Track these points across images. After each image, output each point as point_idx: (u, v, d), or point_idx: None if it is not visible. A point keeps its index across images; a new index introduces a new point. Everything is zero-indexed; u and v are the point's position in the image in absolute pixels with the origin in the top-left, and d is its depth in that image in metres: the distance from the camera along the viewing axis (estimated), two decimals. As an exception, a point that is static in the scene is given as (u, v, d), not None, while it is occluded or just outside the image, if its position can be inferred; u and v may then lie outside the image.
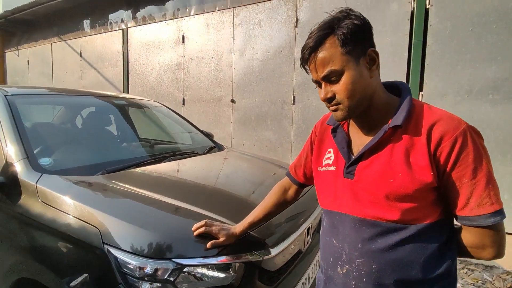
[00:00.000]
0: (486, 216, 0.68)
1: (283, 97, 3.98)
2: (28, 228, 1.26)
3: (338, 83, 0.74)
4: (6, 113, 1.64)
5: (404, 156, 0.72)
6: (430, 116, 0.73)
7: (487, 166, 0.69)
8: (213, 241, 1.06)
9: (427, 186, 0.70)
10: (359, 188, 0.77)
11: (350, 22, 0.72)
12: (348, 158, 0.82)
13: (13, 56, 8.06)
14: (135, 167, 1.69)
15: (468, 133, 0.69)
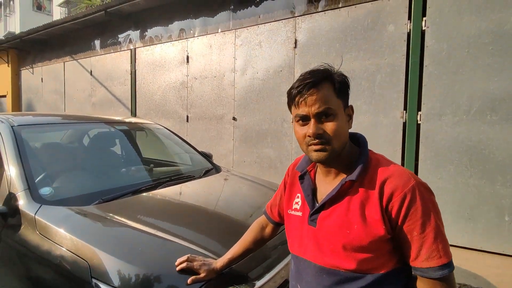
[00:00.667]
0: (435, 269, 0.71)
1: (283, 115, 4.04)
2: (26, 259, 1.34)
3: (328, 123, 0.78)
4: (11, 144, 1.75)
5: (360, 208, 0.77)
6: (383, 171, 0.78)
7: (436, 220, 0.73)
8: (193, 276, 1.10)
9: (380, 238, 0.74)
10: (320, 237, 0.82)
11: (341, 76, 0.82)
12: (312, 206, 0.86)
13: (28, 73, 8.42)
14: (131, 195, 1.76)
15: (416, 190, 0.74)
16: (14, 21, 19.88)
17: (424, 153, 3.18)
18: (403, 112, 3.28)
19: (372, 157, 0.82)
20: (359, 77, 3.53)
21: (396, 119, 3.34)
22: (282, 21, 4.04)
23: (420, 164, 3.22)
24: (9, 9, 20.42)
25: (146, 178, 2.17)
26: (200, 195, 2.00)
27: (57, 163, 1.97)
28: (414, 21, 3.14)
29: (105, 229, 1.38)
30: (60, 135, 2.35)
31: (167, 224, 1.50)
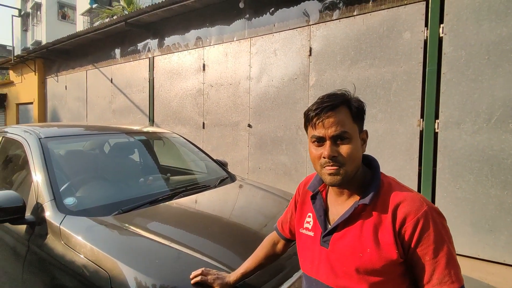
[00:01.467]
0: None
1: (297, 123, 4.05)
2: (51, 267, 1.42)
3: (343, 146, 0.80)
4: (38, 155, 1.86)
5: (373, 232, 0.78)
6: (396, 196, 0.79)
7: (448, 245, 0.74)
8: (200, 278, 1.14)
9: (393, 262, 0.75)
10: (333, 259, 0.82)
11: (358, 101, 0.84)
12: (324, 227, 0.87)
13: (53, 81, 8.84)
14: (149, 205, 1.83)
15: (429, 215, 0.75)
16: (40, 30, 20.89)
17: (442, 162, 3.11)
18: (420, 120, 3.22)
19: (384, 181, 0.83)
20: (374, 85, 3.50)
21: (412, 127, 3.28)
22: (297, 29, 4.06)
23: (438, 173, 3.14)
24: (36, 19, 21.49)
25: (163, 188, 2.24)
26: (215, 205, 2.05)
27: (80, 174, 2.07)
28: (431, 28, 3.09)
29: (124, 240, 1.45)
30: (82, 146, 2.46)
31: (183, 235, 1.55)
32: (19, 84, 10.31)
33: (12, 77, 10.83)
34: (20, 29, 21.61)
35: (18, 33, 21.29)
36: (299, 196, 1.04)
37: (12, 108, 10.91)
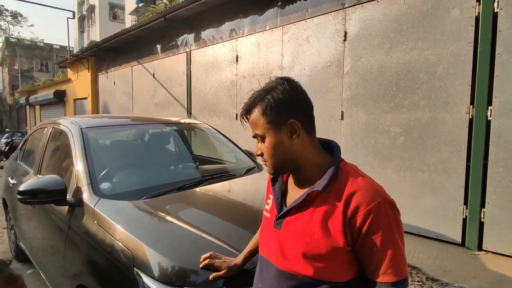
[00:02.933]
0: (388, 285, 0.73)
1: (330, 112, 3.91)
2: (86, 244, 1.57)
3: (262, 144, 0.85)
4: (79, 144, 2.04)
5: (322, 219, 0.78)
6: (351, 184, 0.78)
7: (397, 238, 0.75)
8: (215, 273, 1.17)
9: (339, 250, 0.75)
10: (284, 241, 0.84)
11: (275, 95, 0.80)
12: (279, 210, 0.88)
13: (103, 78, 9.59)
14: (176, 191, 1.91)
15: (382, 207, 0.74)
16: (95, 31, 22.68)
17: (495, 153, 2.78)
18: (470, 107, 2.90)
19: (343, 168, 0.82)
20: (417, 69, 3.22)
21: (460, 115, 2.98)
22: (331, 13, 3.88)
23: (490, 165, 2.82)
24: (91, 21, 23.34)
25: (191, 176, 2.32)
26: (239, 193, 2.07)
27: (115, 161, 2.23)
28: (484, 3, 2.74)
29: (149, 223, 1.53)
30: (120, 135, 2.65)
31: (204, 221, 1.60)
32: (75, 81, 11.37)
33: (70, 75, 11.98)
34: (78, 31, 23.67)
35: (76, 35, 23.36)
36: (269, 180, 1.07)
37: (70, 103, 12.10)
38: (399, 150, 3.38)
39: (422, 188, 3.26)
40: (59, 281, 1.90)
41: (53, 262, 1.99)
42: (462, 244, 3.05)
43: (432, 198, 3.20)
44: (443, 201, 3.13)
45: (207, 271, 1.21)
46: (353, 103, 3.72)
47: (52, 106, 14.10)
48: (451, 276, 2.60)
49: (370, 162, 3.60)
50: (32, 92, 17.31)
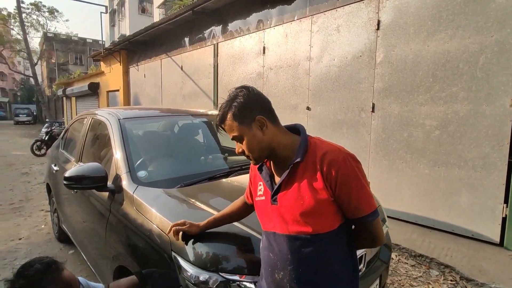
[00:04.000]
0: (368, 216, 0.97)
1: (361, 105, 3.80)
2: (125, 229, 1.66)
3: (241, 144, 1.03)
4: (118, 134, 2.14)
5: (307, 182, 0.97)
6: (320, 150, 0.98)
7: (363, 182, 0.96)
8: (175, 226, 1.30)
9: (326, 202, 0.95)
10: (283, 211, 1.01)
11: (239, 101, 0.98)
12: (271, 189, 1.05)
13: (134, 71, 9.93)
14: (207, 181, 1.97)
15: (346, 160, 0.94)
16: (125, 25, 23.39)
17: (542, 149, 2.58)
18: (515, 99, 2.71)
19: (311, 141, 1.02)
20: (456, 59, 3.04)
21: (504, 107, 2.79)
22: (364, 1, 3.74)
23: (536, 163, 2.63)
24: (121, 15, 24.07)
25: (221, 166, 2.37)
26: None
27: (150, 150, 2.33)
28: (537, -15, 2.51)
29: (184, 210, 1.60)
30: (154, 126, 2.75)
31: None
32: (108, 73, 11.87)
33: (103, 68, 12.51)
34: (109, 25, 24.54)
35: (107, 29, 24.23)
36: (251, 172, 1.23)
37: (104, 95, 12.67)
38: (434, 144, 3.24)
39: (457, 184, 3.11)
40: (100, 261, 2.03)
41: (94, 243, 2.13)
42: (500, 244, 2.90)
43: (469, 195, 3.04)
44: (480, 199, 2.97)
45: (239, 258, 1.26)
46: (385, 95, 3.59)
47: (87, 97, 14.85)
48: (488, 277, 2.48)
49: (402, 156, 3.48)
50: (68, 84, 18.30)
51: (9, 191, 5.58)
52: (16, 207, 4.66)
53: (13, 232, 3.71)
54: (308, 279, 0.99)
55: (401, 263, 2.81)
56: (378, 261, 1.76)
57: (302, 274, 0.98)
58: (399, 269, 2.72)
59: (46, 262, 1.06)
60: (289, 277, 1.00)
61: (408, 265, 2.80)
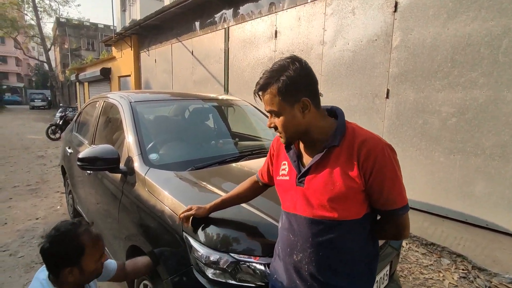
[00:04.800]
0: (398, 210, 0.94)
1: (375, 90, 3.70)
2: (138, 209, 1.69)
3: (276, 119, 0.97)
4: (130, 117, 2.15)
5: (340, 168, 0.93)
6: (358, 136, 0.93)
7: (398, 174, 0.93)
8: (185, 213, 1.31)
9: (357, 190, 0.92)
10: (309, 194, 0.98)
11: (288, 75, 0.90)
12: (299, 170, 1.02)
13: (145, 56, 9.92)
14: (218, 164, 1.97)
15: (385, 150, 0.91)
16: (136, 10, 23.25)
17: None
18: (539, 85, 2.58)
19: (348, 126, 0.97)
20: (477, 42, 2.90)
21: (527, 94, 2.66)
22: (381, -18, 3.57)
23: (559, 152, 2.52)
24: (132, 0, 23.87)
25: (231, 151, 2.37)
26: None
27: (161, 134, 2.33)
28: None
29: (195, 192, 1.61)
30: (164, 110, 2.75)
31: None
32: (119, 59, 11.91)
33: (114, 53, 12.55)
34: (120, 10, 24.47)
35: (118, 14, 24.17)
36: (273, 150, 1.18)
37: (115, 80, 12.77)
38: (450, 132, 3.14)
39: (474, 173, 3.03)
40: (113, 241, 2.08)
41: (107, 224, 2.18)
42: (516, 235, 2.83)
43: (485, 185, 2.96)
44: (497, 188, 2.89)
45: (250, 239, 1.27)
46: (400, 80, 3.48)
47: (99, 83, 15.00)
48: (502, 267, 2.44)
49: (416, 144, 3.40)
50: (81, 69, 18.50)
51: (26, 173, 5.76)
52: (33, 189, 4.82)
53: (31, 212, 3.85)
54: (326, 264, 0.98)
55: (411, 251, 2.79)
56: (389, 247, 1.75)
57: (322, 258, 0.97)
58: (409, 257, 2.70)
59: (77, 220, 1.15)
60: (308, 259, 0.99)
61: (419, 253, 2.78)
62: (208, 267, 1.25)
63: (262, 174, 1.29)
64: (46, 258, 1.06)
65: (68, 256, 1.05)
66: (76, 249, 1.06)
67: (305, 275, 1.00)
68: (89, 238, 1.09)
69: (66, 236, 1.06)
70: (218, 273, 1.23)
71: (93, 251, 1.10)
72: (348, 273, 0.99)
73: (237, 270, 1.22)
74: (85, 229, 1.11)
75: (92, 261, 1.10)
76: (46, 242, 1.06)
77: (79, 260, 1.06)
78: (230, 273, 1.22)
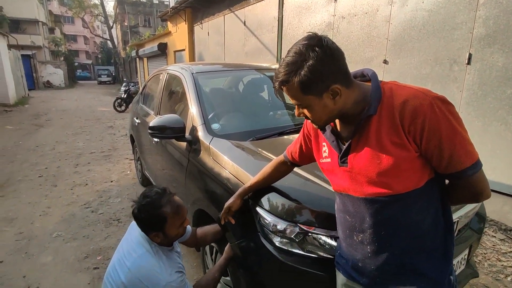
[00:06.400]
0: (468, 169, 0.79)
1: (453, 56, 3.24)
2: (204, 176, 1.76)
3: (304, 110, 0.86)
4: (193, 87, 2.20)
5: (384, 138, 0.81)
6: (399, 97, 0.79)
7: (458, 128, 0.77)
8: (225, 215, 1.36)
9: (408, 158, 0.79)
10: (354, 173, 0.88)
11: (309, 67, 0.76)
12: (339, 150, 0.92)
13: (198, 29, 10.04)
14: (278, 136, 1.94)
15: (434, 105, 0.76)
16: (187, -17, 23.37)
17: None
18: None
19: (385, 88, 0.83)
20: None
21: None
22: None
23: None
24: (184, -27, 24.01)
25: (290, 122, 2.31)
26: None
27: (221, 105, 2.36)
28: None
29: (258, 161, 1.60)
30: (223, 80, 2.76)
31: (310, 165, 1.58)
32: (174, 33, 12.27)
33: (170, 28, 12.94)
34: (173, -16, 24.85)
35: (172, -12, 24.59)
36: (307, 131, 1.10)
37: (171, 55, 13.28)
38: (550, 103, 2.64)
39: None
40: (180, 205, 2.23)
41: (174, 189, 2.33)
42: None
43: None
44: None
45: (317, 211, 1.23)
46: (486, 43, 2.98)
47: (156, 58, 15.78)
48: None
49: (501, 117, 2.95)
50: (140, 45, 19.58)
51: (99, 141, 6.44)
52: (106, 155, 5.39)
53: (106, 175, 4.33)
54: (391, 242, 0.88)
55: (487, 236, 2.52)
56: (469, 230, 1.58)
57: (385, 236, 0.89)
58: (485, 242, 2.45)
59: (162, 187, 1.26)
60: (369, 239, 0.91)
61: (497, 238, 2.50)
62: (275, 235, 1.25)
63: (292, 153, 1.22)
64: (137, 221, 1.18)
65: (152, 224, 1.15)
66: (159, 219, 1.15)
67: (369, 256, 0.93)
68: (171, 208, 1.18)
69: (151, 206, 1.15)
70: (285, 241, 1.24)
71: (175, 220, 1.19)
72: (417, 249, 0.88)
73: (305, 241, 1.21)
74: (167, 200, 1.19)
75: (174, 228, 1.20)
76: (135, 207, 1.18)
77: (163, 227, 1.16)
78: (297, 243, 1.21)
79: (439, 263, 0.90)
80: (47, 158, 5.17)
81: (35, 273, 2.25)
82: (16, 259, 2.41)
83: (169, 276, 1.12)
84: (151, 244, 1.20)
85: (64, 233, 2.80)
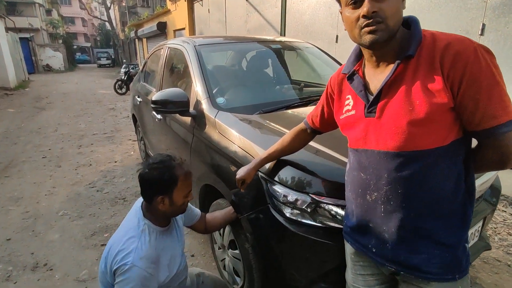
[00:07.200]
0: (499, 126, 0.73)
1: (465, 26, 3.10)
2: (210, 150, 1.71)
3: (384, 2, 0.74)
4: (196, 60, 2.12)
5: (420, 83, 0.76)
6: (441, 41, 0.74)
7: (499, 81, 0.72)
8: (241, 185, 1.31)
9: (444, 107, 0.74)
10: (382, 123, 0.82)
11: None
12: (367, 100, 0.86)
13: (199, 6, 9.73)
14: (285, 109, 1.87)
15: (478, 52, 0.71)
16: (185, -41, 22.51)
17: None
18: None
19: (426, 33, 0.78)
20: None
21: None
22: None
23: None
24: None
25: (298, 96, 2.23)
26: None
27: (226, 78, 2.28)
28: None
29: (266, 134, 1.55)
30: (227, 54, 2.66)
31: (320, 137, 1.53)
32: (174, 12, 11.92)
33: (169, 6, 12.57)
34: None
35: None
36: (331, 90, 1.04)
37: (171, 34, 12.97)
38: None
39: None
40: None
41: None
42: None
43: None
44: None
45: (327, 181, 1.19)
46: (502, 12, 2.83)
47: (156, 38, 15.44)
48: None
49: (514, 90, 2.85)
50: (138, 26, 19.13)
51: (102, 123, 6.40)
52: (109, 136, 5.36)
53: (110, 156, 4.31)
54: (407, 202, 0.82)
55: (498, 211, 2.50)
56: (484, 202, 1.54)
57: (401, 195, 0.82)
58: (495, 217, 2.43)
59: (171, 153, 1.23)
60: (384, 198, 0.85)
61: (507, 213, 2.47)
62: (285, 206, 1.22)
63: (313, 119, 1.17)
64: (143, 183, 1.13)
65: (163, 183, 1.10)
66: (171, 178, 1.11)
67: (381, 216, 0.87)
68: (182, 171, 1.14)
69: (164, 165, 1.12)
70: (296, 212, 1.20)
71: (184, 185, 1.14)
72: (435, 213, 0.82)
73: (316, 212, 1.17)
74: (179, 163, 1.16)
75: (181, 194, 1.15)
76: (145, 168, 1.13)
77: (172, 190, 1.12)
78: (309, 214, 1.18)
79: (456, 230, 0.84)
80: (50, 140, 5.15)
81: (43, 250, 2.26)
82: (23, 237, 2.43)
83: (138, 260, 1.05)
84: (141, 221, 1.16)
85: (70, 211, 2.81)
